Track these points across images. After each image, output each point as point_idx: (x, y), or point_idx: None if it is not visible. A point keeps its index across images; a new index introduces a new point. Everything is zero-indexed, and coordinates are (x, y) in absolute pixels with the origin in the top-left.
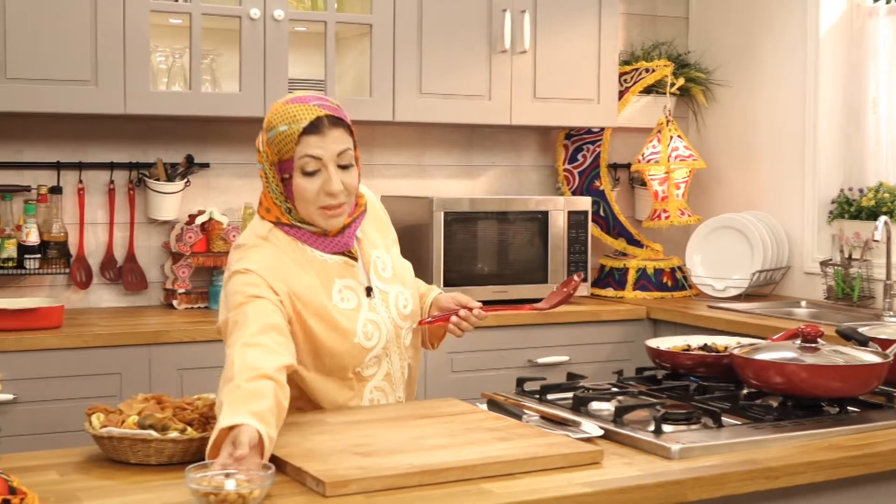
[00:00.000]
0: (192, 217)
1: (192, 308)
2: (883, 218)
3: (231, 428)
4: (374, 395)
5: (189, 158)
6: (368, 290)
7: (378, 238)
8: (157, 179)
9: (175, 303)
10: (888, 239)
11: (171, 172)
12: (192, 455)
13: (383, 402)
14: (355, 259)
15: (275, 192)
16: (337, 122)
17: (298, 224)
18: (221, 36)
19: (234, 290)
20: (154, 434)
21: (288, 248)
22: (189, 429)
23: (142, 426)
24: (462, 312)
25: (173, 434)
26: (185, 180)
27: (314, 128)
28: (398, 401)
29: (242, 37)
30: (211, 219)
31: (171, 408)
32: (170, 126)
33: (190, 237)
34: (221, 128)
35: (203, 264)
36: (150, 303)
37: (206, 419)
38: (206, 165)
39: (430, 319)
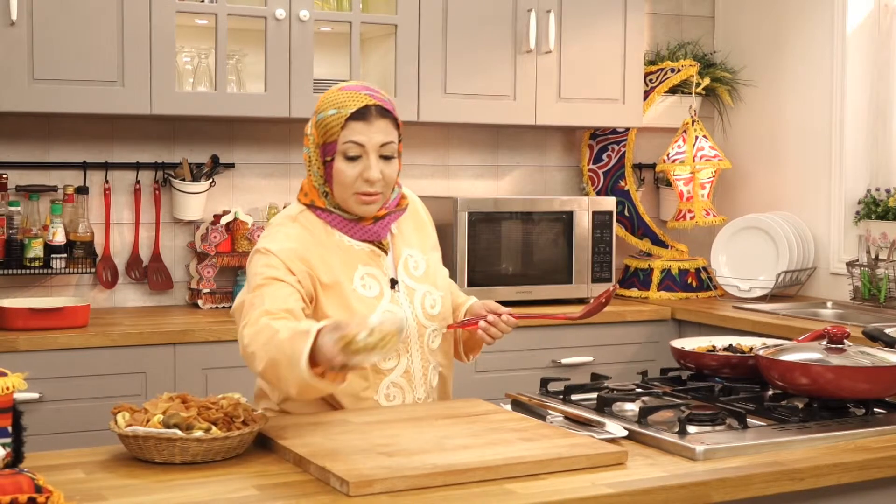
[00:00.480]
0: (217, 217)
1: (216, 308)
2: None
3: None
4: (391, 391)
5: (214, 158)
6: (393, 283)
7: (415, 238)
8: (183, 179)
9: (200, 302)
10: None
11: (197, 172)
12: (216, 454)
13: (399, 399)
14: (385, 251)
15: (315, 175)
16: (385, 113)
17: (332, 209)
18: (247, 36)
19: (253, 271)
20: (179, 433)
21: (316, 230)
22: (214, 428)
23: (167, 425)
24: (490, 318)
25: (198, 433)
26: (211, 180)
27: (361, 115)
28: (416, 401)
29: (268, 37)
30: (236, 219)
31: (196, 407)
32: (195, 126)
33: (215, 237)
34: (247, 128)
35: (228, 264)
36: (175, 302)
37: (231, 418)
38: (231, 165)
39: (457, 324)
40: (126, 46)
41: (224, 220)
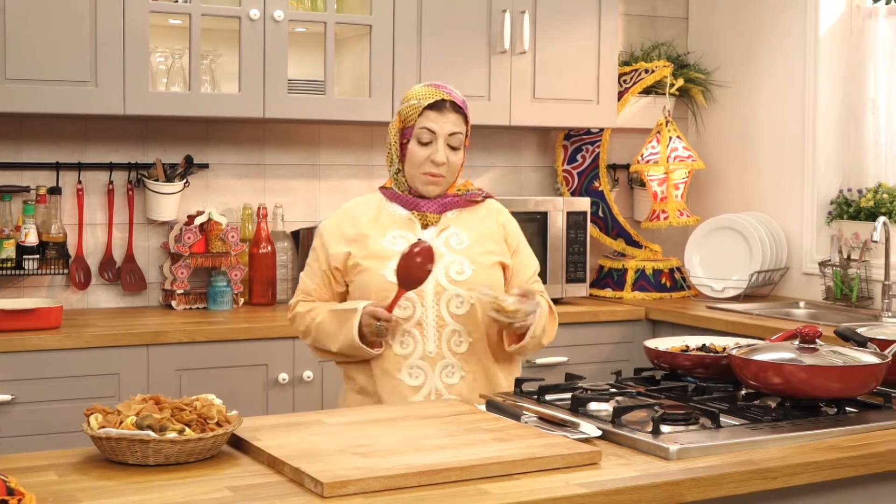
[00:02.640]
0: (191, 218)
1: (190, 308)
2: (882, 219)
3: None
4: (405, 338)
5: (188, 159)
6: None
7: (473, 229)
8: (157, 180)
9: (174, 303)
10: (887, 240)
11: (171, 173)
12: (190, 456)
13: (411, 347)
14: (424, 222)
15: (392, 155)
16: (457, 108)
17: (395, 189)
18: (221, 36)
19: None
20: (152, 435)
21: (370, 204)
22: (187, 429)
23: (140, 427)
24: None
25: (171, 435)
26: (185, 181)
27: (436, 106)
28: (426, 353)
29: (242, 37)
30: (210, 219)
31: (170, 408)
32: (169, 127)
33: (189, 238)
34: (221, 128)
35: (202, 265)
36: (149, 303)
37: (205, 420)
38: (205, 166)
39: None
40: (99, 46)
41: (198, 221)
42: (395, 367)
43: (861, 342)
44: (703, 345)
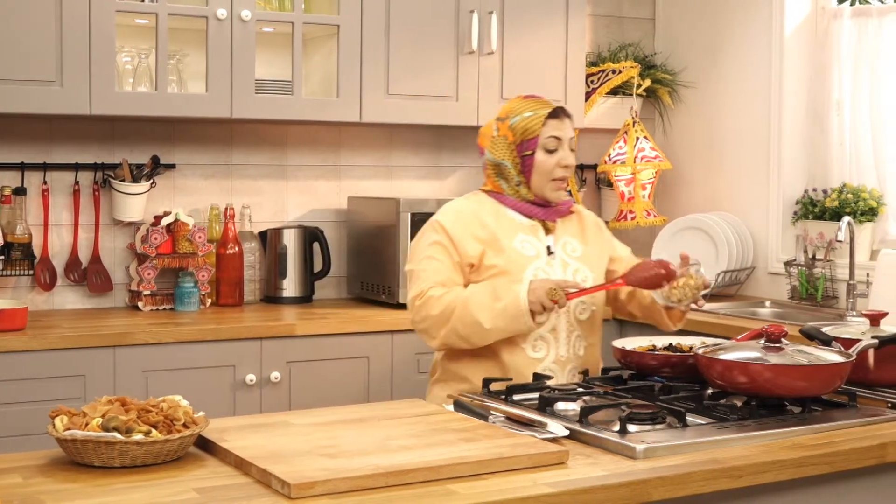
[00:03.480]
0: (158, 218)
1: (157, 310)
2: (846, 219)
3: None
4: (538, 343)
5: (155, 159)
6: (548, 249)
7: (578, 234)
8: (123, 180)
9: (140, 304)
10: (851, 239)
11: (137, 173)
12: (156, 458)
13: (543, 351)
14: (546, 229)
15: (510, 170)
16: (568, 113)
17: (511, 196)
18: (188, 36)
19: (425, 241)
20: (118, 437)
21: (486, 205)
22: (154, 431)
23: (106, 429)
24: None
25: (137, 437)
26: (151, 181)
27: (556, 114)
28: (558, 357)
29: (209, 37)
30: (177, 220)
31: (136, 410)
32: (135, 127)
33: (155, 238)
34: (188, 128)
35: (169, 266)
36: (115, 304)
37: (171, 421)
38: (172, 166)
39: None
40: (65, 46)
41: (165, 222)
42: (529, 372)
43: (826, 341)
44: (670, 344)
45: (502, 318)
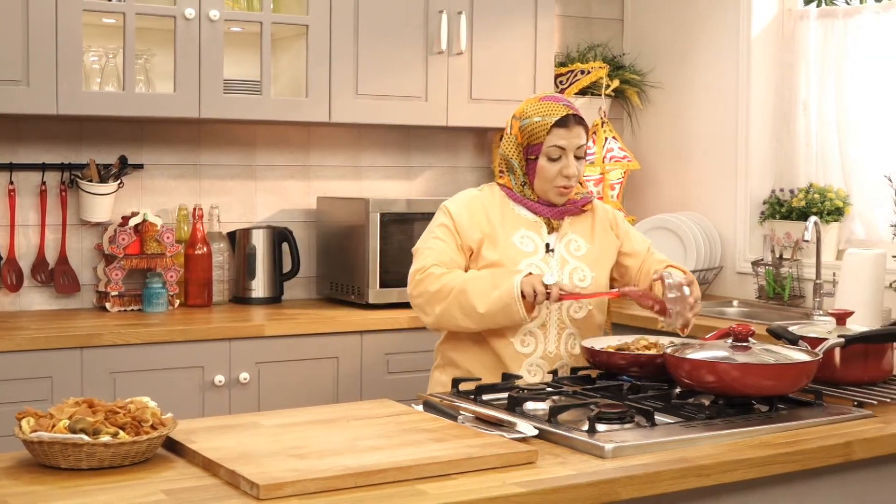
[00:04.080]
0: (126, 219)
1: (125, 311)
2: (813, 218)
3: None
4: (526, 338)
5: (122, 159)
6: (547, 247)
7: (587, 233)
8: (90, 181)
9: (108, 305)
10: (818, 239)
11: (105, 173)
12: (124, 459)
13: (532, 346)
14: (550, 227)
15: (517, 170)
16: (580, 120)
17: (518, 193)
18: (156, 36)
19: (431, 226)
20: (85, 438)
21: (496, 198)
22: (121, 433)
23: (73, 430)
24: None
25: (105, 438)
26: (119, 181)
27: (563, 122)
28: (546, 353)
29: (177, 37)
30: (145, 220)
31: (103, 412)
32: (103, 127)
33: (123, 239)
34: (155, 128)
35: (136, 266)
36: (83, 305)
37: (139, 423)
38: (139, 166)
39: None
40: (31, 45)
41: (133, 222)
42: (516, 365)
43: (793, 340)
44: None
45: (497, 304)
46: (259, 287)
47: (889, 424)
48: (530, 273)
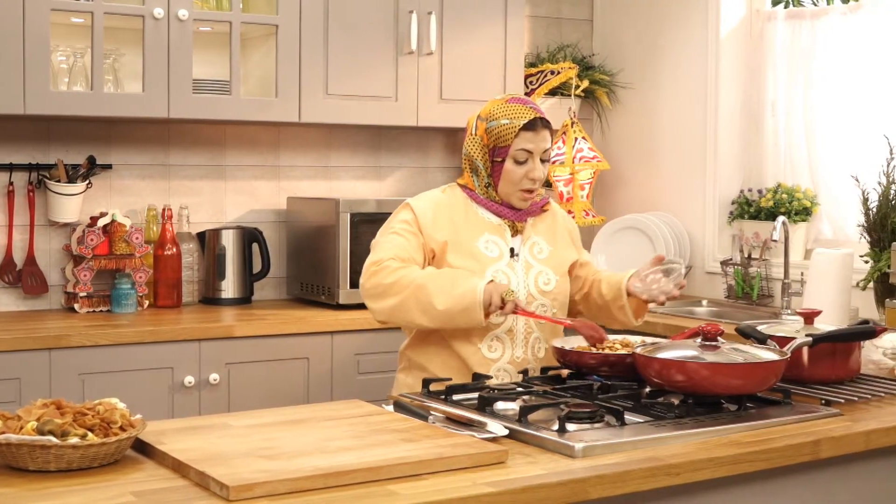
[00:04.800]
0: (94, 219)
1: (94, 312)
2: (781, 218)
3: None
4: (493, 344)
5: (91, 160)
6: (511, 251)
7: (546, 234)
8: (58, 181)
9: (76, 306)
10: (786, 239)
11: (73, 174)
12: (93, 461)
13: (499, 352)
14: (513, 230)
15: (482, 171)
16: (546, 124)
17: (481, 195)
18: (124, 35)
19: (395, 218)
20: (53, 440)
21: (458, 200)
22: (90, 434)
23: (41, 432)
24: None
25: (73, 440)
26: (87, 182)
27: (531, 125)
28: (513, 359)
29: (146, 36)
30: (113, 221)
31: (72, 413)
32: (71, 127)
33: (92, 240)
34: (124, 128)
35: (105, 267)
36: (51, 306)
37: (108, 424)
38: (108, 167)
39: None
40: None
41: (101, 223)
42: (483, 370)
43: (761, 339)
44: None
45: (457, 304)
46: (229, 288)
47: (856, 423)
48: (493, 280)
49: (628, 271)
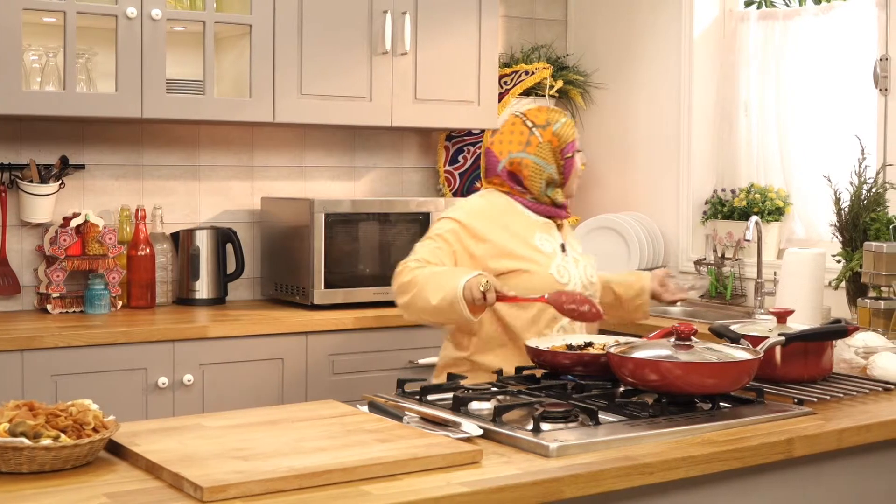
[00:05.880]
0: (67, 220)
1: (66, 312)
2: (754, 218)
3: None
4: (560, 333)
5: (63, 160)
6: (563, 247)
7: (573, 236)
8: (31, 181)
9: (49, 307)
10: (759, 238)
11: (45, 174)
12: (66, 463)
13: (569, 338)
14: (558, 226)
15: (553, 172)
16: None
17: (531, 200)
18: (97, 35)
19: (431, 230)
20: (26, 442)
21: (499, 203)
22: (62, 436)
23: (13, 434)
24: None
25: (46, 442)
26: (60, 182)
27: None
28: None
29: (119, 36)
30: (86, 221)
31: (44, 415)
32: (43, 127)
33: (64, 240)
34: (97, 128)
35: (78, 268)
36: (24, 307)
37: (81, 426)
38: (81, 167)
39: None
40: None
41: (74, 223)
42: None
43: (734, 339)
44: (584, 343)
45: (445, 301)
46: (203, 288)
47: (828, 421)
48: (480, 274)
49: (641, 273)
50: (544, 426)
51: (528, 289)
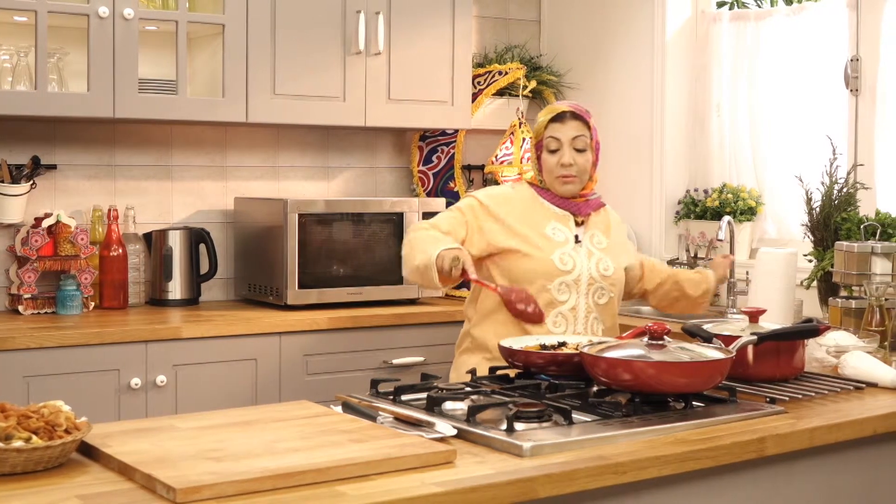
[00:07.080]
0: (39, 220)
1: (38, 314)
2: (726, 218)
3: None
4: (558, 320)
5: (35, 160)
6: (576, 238)
7: (604, 230)
8: (2, 181)
9: (21, 308)
10: (731, 238)
11: (17, 174)
12: (37, 465)
13: (563, 328)
14: (577, 222)
15: (533, 165)
16: (577, 116)
17: (542, 187)
18: (69, 34)
19: (455, 205)
20: None
21: (524, 193)
22: (34, 438)
23: None
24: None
25: (17, 443)
26: (31, 182)
27: (558, 118)
28: (575, 333)
29: (91, 36)
30: (58, 221)
31: (16, 416)
32: (15, 127)
33: (36, 241)
34: (69, 128)
35: (50, 268)
36: None
37: (53, 427)
38: (53, 167)
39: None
40: None
41: (46, 223)
42: None
43: (707, 338)
44: (559, 343)
45: (423, 263)
46: (176, 289)
47: (800, 420)
48: (458, 248)
49: (708, 273)
50: (518, 426)
51: (527, 269)
